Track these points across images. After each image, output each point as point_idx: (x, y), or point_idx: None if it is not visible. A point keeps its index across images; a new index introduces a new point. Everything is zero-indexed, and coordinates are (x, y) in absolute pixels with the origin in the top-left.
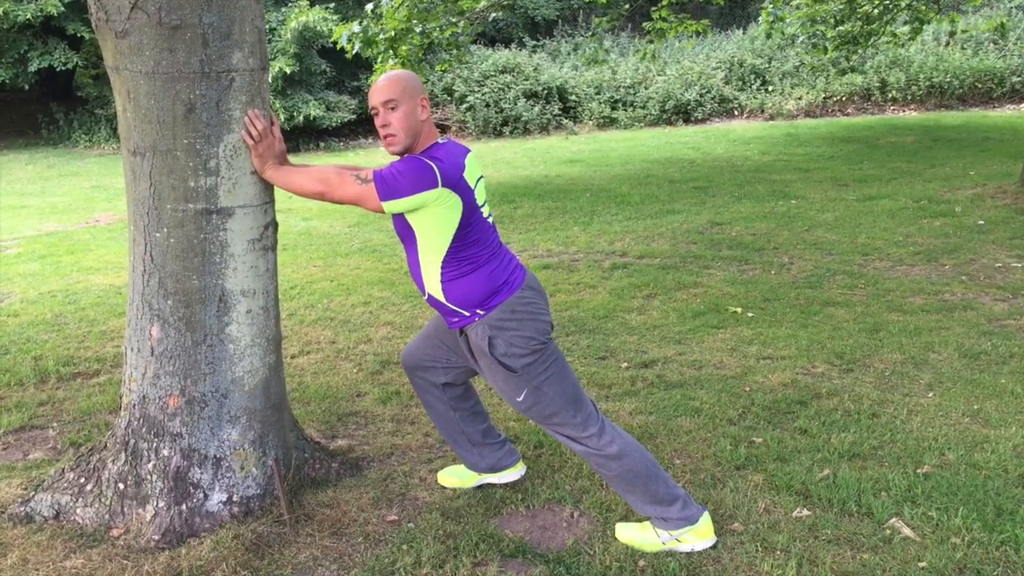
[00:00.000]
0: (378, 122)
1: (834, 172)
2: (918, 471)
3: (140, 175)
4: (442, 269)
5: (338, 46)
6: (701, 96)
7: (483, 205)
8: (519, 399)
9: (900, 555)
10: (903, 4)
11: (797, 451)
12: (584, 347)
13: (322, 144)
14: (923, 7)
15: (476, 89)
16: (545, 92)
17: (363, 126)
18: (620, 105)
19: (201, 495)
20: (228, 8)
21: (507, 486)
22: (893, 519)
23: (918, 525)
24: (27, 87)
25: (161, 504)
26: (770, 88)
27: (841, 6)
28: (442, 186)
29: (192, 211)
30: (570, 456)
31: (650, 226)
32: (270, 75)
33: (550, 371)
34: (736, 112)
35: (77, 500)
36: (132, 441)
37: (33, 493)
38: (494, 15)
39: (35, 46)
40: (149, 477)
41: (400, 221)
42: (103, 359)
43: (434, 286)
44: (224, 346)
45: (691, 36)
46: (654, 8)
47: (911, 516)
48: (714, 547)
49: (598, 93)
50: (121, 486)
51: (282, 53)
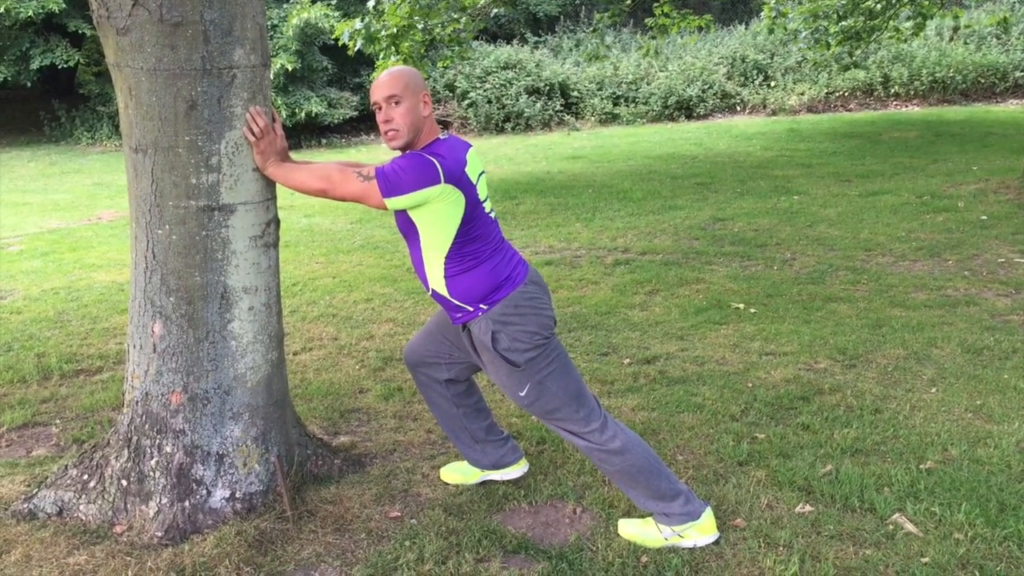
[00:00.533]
0: (380, 118)
1: (836, 168)
2: (921, 467)
3: (142, 172)
4: (445, 265)
5: (340, 43)
6: (703, 92)
7: (485, 200)
8: (522, 394)
9: (903, 551)
10: None
11: (799, 447)
12: (586, 343)
13: (324, 141)
14: (926, 2)
15: (478, 85)
16: (547, 88)
17: (365, 123)
18: (622, 101)
19: (204, 491)
20: (229, 5)
21: (510, 482)
22: (896, 515)
23: (921, 521)
24: (29, 84)
25: (164, 501)
26: (772, 83)
27: (844, 1)
28: (444, 182)
29: (194, 208)
30: (572, 452)
31: (652, 222)
32: (272, 72)
33: (553, 366)
34: (738, 108)
35: (80, 497)
36: (135, 438)
37: (36, 490)
38: (496, 11)
39: (37, 43)
40: (152, 474)
41: (403, 217)
42: (106, 356)
43: (438, 282)
44: (226, 343)
45: (694, 32)
46: (656, 4)
47: (914, 512)
48: (717, 543)
49: (600, 89)
50: (124, 483)
51: (284, 50)
